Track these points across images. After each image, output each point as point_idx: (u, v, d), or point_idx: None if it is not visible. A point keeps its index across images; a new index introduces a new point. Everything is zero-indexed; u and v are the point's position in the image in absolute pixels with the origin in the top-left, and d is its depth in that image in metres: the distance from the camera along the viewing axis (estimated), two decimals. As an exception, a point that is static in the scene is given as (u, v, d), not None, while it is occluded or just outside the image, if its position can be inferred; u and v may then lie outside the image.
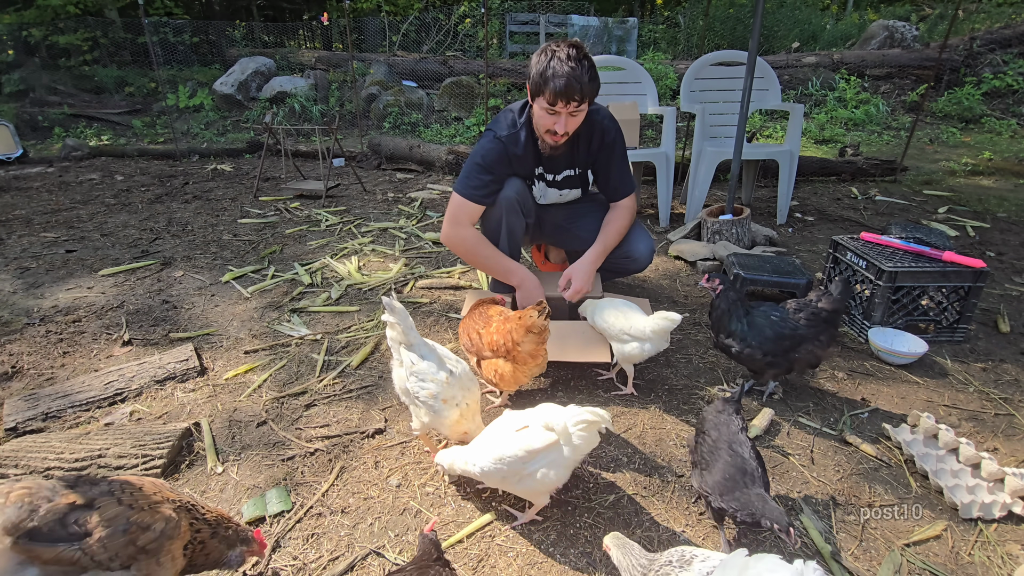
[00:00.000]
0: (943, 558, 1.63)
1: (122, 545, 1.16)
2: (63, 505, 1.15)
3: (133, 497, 1.23)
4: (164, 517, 1.23)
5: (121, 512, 1.19)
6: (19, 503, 1.12)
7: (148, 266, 3.79)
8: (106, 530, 1.16)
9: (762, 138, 7.90)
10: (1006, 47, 9.75)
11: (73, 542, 1.13)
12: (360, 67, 10.69)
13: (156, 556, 1.21)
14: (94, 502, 1.19)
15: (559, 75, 2.18)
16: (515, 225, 2.62)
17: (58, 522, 1.14)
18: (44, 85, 10.81)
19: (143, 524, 1.20)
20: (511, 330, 2.01)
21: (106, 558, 1.15)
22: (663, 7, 16.69)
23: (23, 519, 1.11)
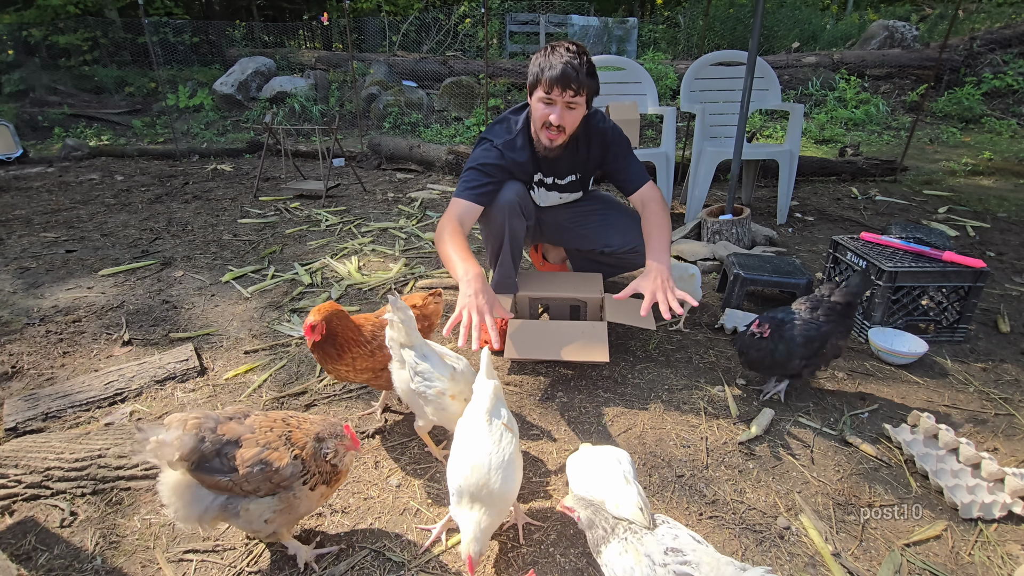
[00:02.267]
0: (943, 558, 1.63)
1: (261, 480, 1.37)
2: (222, 440, 1.37)
3: (266, 438, 1.42)
4: (291, 460, 1.41)
5: (257, 453, 1.38)
6: (194, 432, 1.34)
7: (148, 266, 3.79)
8: (247, 468, 1.36)
9: (762, 138, 7.90)
10: (1006, 47, 9.75)
11: (226, 474, 1.35)
12: (360, 67, 10.68)
13: (291, 490, 1.41)
14: (240, 439, 1.39)
15: (555, 65, 2.22)
16: (517, 228, 2.62)
17: (216, 453, 1.35)
18: (44, 85, 10.81)
19: (274, 466, 1.38)
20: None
21: (251, 489, 1.38)
22: (663, 7, 16.68)
23: (196, 448, 1.33)
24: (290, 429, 1.48)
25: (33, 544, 1.67)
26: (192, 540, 1.69)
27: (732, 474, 1.94)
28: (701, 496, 1.84)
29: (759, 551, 1.64)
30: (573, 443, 2.09)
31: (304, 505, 1.46)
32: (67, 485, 1.85)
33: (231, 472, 1.35)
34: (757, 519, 1.75)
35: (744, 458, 2.01)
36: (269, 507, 1.40)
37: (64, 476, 1.86)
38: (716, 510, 1.78)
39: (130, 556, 1.64)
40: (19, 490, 1.85)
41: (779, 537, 1.69)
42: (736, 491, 1.86)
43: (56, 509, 1.80)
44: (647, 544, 1.26)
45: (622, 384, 2.46)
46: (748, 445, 2.07)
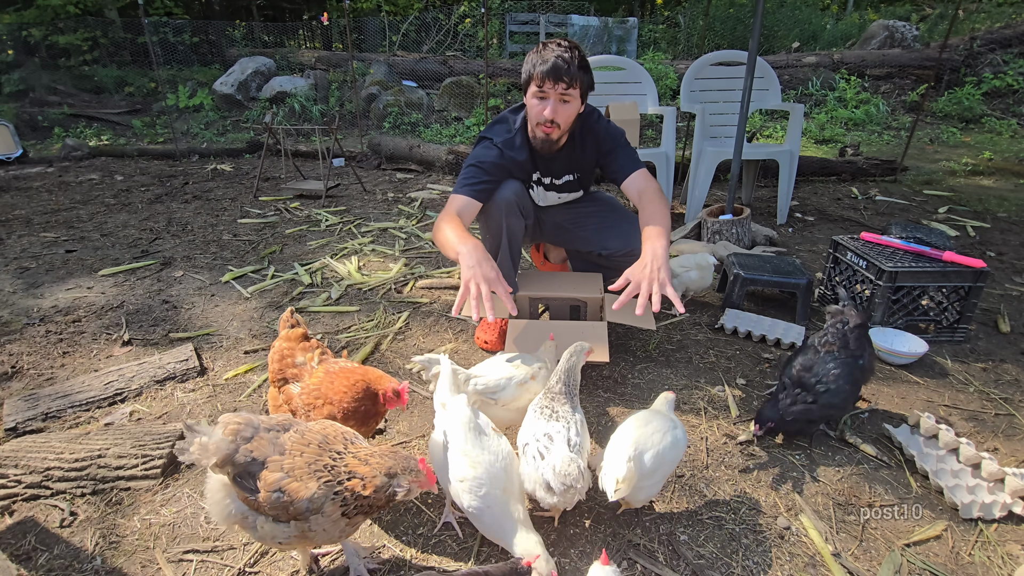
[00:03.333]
0: (943, 558, 1.63)
1: (278, 507, 1.32)
2: (249, 454, 1.32)
3: (292, 464, 1.33)
4: (308, 496, 1.31)
5: (278, 479, 1.31)
6: (231, 438, 1.32)
7: (148, 266, 3.79)
8: (267, 492, 1.31)
9: (762, 138, 7.90)
10: (1006, 47, 9.75)
11: (253, 492, 1.31)
12: (360, 67, 10.68)
13: (307, 521, 1.33)
14: (266, 460, 1.33)
15: (547, 59, 2.23)
16: (515, 227, 2.62)
17: (245, 467, 1.32)
18: (44, 85, 10.81)
19: (291, 496, 1.31)
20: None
21: (271, 513, 1.33)
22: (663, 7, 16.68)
23: (229, 455, 1.31)
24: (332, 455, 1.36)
25: (33, 544, 1.67)
26: (192, 540, 1.69)
27: (732, 474, 1.94)
28: (701, 496, 1.84)
29: (759, 551, 1.64)
30: (573, 443, 2.09)
31: (322, 536, 1.36)
32: (67, 485, 1.85)
33: (256, 492, 1.31)
34: (757, 519, 1.75)
35: (744, 458, 2.01)
36: (283, 532, 1.35)
37: (64, 476, 1.86)
38: (716, 510, 1.78)
39: (130, 556, 1.64)
40: (19, 490, 1.84)
41: (779, 537, 1.68)
42: (736, 491, 1.86)
43: (56, 509, 1.80)
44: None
45: (622, 384, 2.46)
46: (748, 445, 2.07)
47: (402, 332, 2.92)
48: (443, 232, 2.25)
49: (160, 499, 1.84)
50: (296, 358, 1.83)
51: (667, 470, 1.63)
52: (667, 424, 1.67)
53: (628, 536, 1.69)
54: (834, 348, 2.03)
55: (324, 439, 1.38)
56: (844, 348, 2.03)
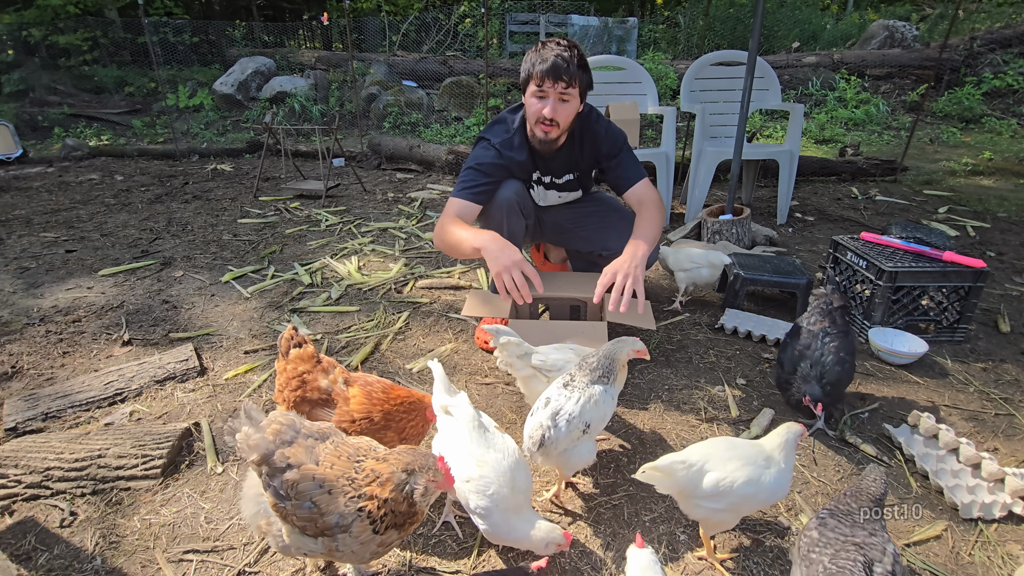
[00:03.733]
0: (943, 558, 1.63)
1: (307, 519, 1.26)
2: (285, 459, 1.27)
3: (324, 475, 1.28)
4: (339, 512, 1.25)
5: (309, 488, 1.26)
6: (272, 437, 1.29)
7: (148, 266, 3.79)
8: (296, 503, 1.25)
9: (762, 138, 7.90)
10: (1006, 47, 9.75)
11: (283, 500, 1.26)
12: (360, 67, 10.68)
13: (334, 539, 1.27)
14: (301, 467, 1.27)
15: (546, 58, 2.23)
16: (516, 227, 2.62)
17: (279, 470, 1.27)
18: (44, 85, 10.81)
19: (321, 509, 1.25)
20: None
21: (299, 525, 1.27)
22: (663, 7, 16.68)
23: (267, 455, 1.27)
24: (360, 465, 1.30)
25: (33, 544, 1.67)
26: (192, 540, 1.69)
27: (732, 474, 1.93)
28: (701, 496, 1.84)
29: (759, 551, 1.64)
30: (573, 443, 2.09)
31: (351, 556, 1.30)
32: (67, 485, 1.85)
33: (286, 500, 1.26)
34: (757, 519, 1.75)
35: (744, 458, 2.01)
36: (309, 546, 1.29)
37: (64, 476, 1.86)
38: (716, 510, 1.78)
39: (130, 556, 1.64)
40: (19, 490, 1.84)
41: (779, 537, 1.68)
42: (736, 491, 1.86)
43: (56, 509, 1.80)
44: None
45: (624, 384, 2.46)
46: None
47: (402, 332, 2.92)
48: (451, 233, 2.29)
49: (160, 499, 1.84)
50: (319, 382, 1.69)
51: (741, 506, 1.50)
52: (760, 461, 1.49)
53: (628, 536, 1.69)
54: (824, 324, 2.14)
55: (356, 451, 1.33)
56: (833, 324, 2.14)
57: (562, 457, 1.64)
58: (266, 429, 1.31)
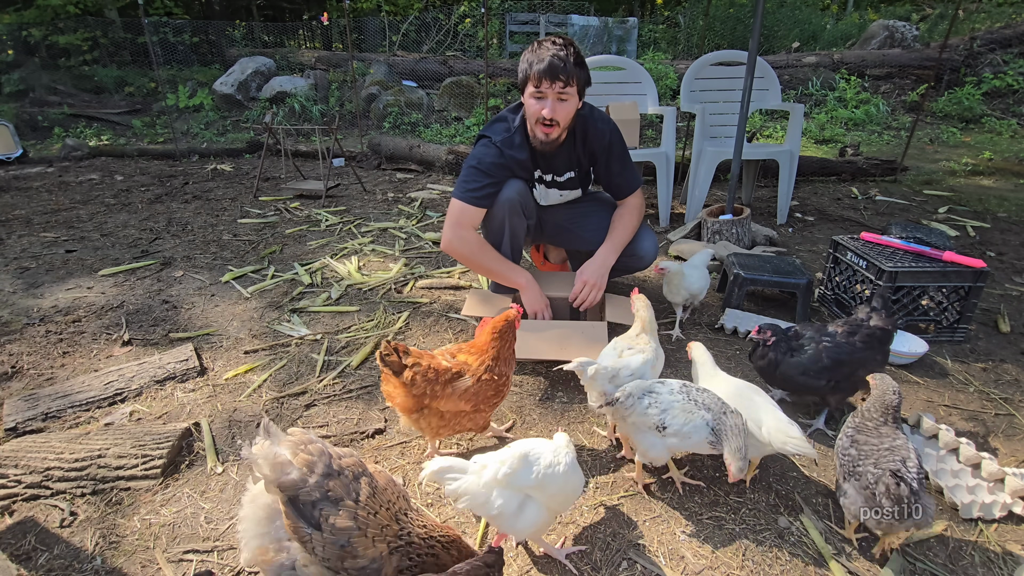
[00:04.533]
0: (943, 558, 1.63)
1: (335, 556, 1.21)
2: (321, 491, 1.21)
3: (366, 519, 1.24)
4: (374, 556, 1.23)
5: (347, 528, 1.21)
6: (303, 467, 1.20)
7: (148, 266, 3.79)
8: (330, 537, 1.20)
9: (762, 138, 7.90)
10: (1006, 47, 9.75)
11: (309, 527, 1.20)
12: (360, 67, 10.68)
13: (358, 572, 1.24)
14: (341, 501, 1.23)
15: (543, 58, 2.24)
16: (517, 227, 2.62)
17: (311, 503, 1.20)
18: (44, 85, 10.81)
19: (354, 552, 1.22)
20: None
21: (322, 556, 1.21)
22: (663, 7, 16.69)
23: (296, 486, 1.19)
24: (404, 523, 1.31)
25: (33, 544, 1.67)
26: (192, 540, 1.69)
27: (732, 474, 1.93)
28: (702, 496, 1.84)
29: (759, 551, 1.64)
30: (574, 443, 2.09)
31: None
32: (67, 485, 1.85)
33: (314, 528, 1.20)
34: (757, 519, 1.75)
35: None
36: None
37: (64, 476, 1.86)
38: (716, 510, 1.78)
39: (130, 556, 1.64)
40: (19, 490, 1.84)
41: (779, 537, 1.68)
42: (736, 491, 1.86)
43: (56, 509, 1.80)
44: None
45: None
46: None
47: (402, 332, 2.92)
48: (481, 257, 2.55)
49: (160, 499, 1.84)
50: (444, 364, 1.82)
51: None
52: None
53: (628, 536, 1.69)
54: (838, 331, 2.11)
55: (392, 501, 1.32)
56: (850, 336, 2.10)
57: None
58: (295, 456, 1.22)
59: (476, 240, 2.55)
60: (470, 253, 2.54)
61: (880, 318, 2.12)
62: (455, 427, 1.87)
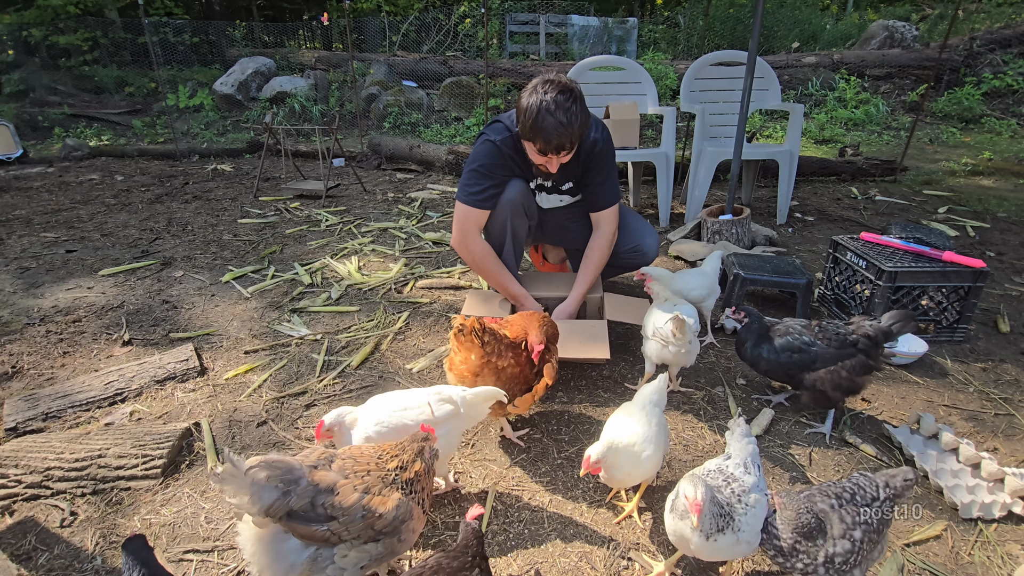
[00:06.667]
0: (943, 558, 1.63)
1: (361, 528, 1.27)
2: (310, 489, 1.25)
3: (364, 483, 1.31)
4: (395, 504, 1.31)
5: (357, 500, 1.27)
6: (276, 484, 1.21)
7: (148, 266, 3.79)
8: (346, 516, 1.26)
9: (762, 138, 7.90)
10: (1006, 47, 9.75)
11: (322, 523, 1.24)
12: (360, 67, 10.68)
13: (396, 535, 1.31)
14: (334, 487, 1.28)
15: (549, 130, 2.12)
16: (519, 227, 2.62)
17: (309, 504, 1.24)
18: (44, 85, 10.81)
19: (375, 512, 1.28)
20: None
21: (351, 538, 1.26)
22: (663, 7, 16.69)
23: (280, 502, 1.20)
24: (389, 462, 1.39)
25: (33, 544, 1.67)
26: (192, 540, 1.69)
27: (732, 474, 1.93)
28: (701, 496, 1.84)
29: (759, 551, 1.63)
30: (574, 443, 2.09)
31: (408, 543, 1.36)
32: (67, 485, 1.85)
33: (328, 520, 1.24)
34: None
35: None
36: (369, 553, 1.29)
37: (64, 476, 1.87)
38: (716, 510, 1.78)
39: (130, 556, 1.64)
40: (19, 490, 1.85)
41: (779, 537, 1.68)
42: (736, 491, 1.86)
43: (56, 509, 1.80)
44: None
45: (622, 384, 2.46)
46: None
47: (402, 332, 2.92)
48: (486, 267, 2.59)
49: (160, 499, 1.84)
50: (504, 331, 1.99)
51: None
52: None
53: (628, 537, 1.69)
54: (819, 336, 2.11)
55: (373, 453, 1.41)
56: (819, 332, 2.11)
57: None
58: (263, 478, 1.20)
59: (482, 250, 2.59)
60: (475, 262, 2.62)
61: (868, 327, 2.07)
62: (507, 391, 1.89)
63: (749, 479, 1.41)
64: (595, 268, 2.66)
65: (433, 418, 1.65)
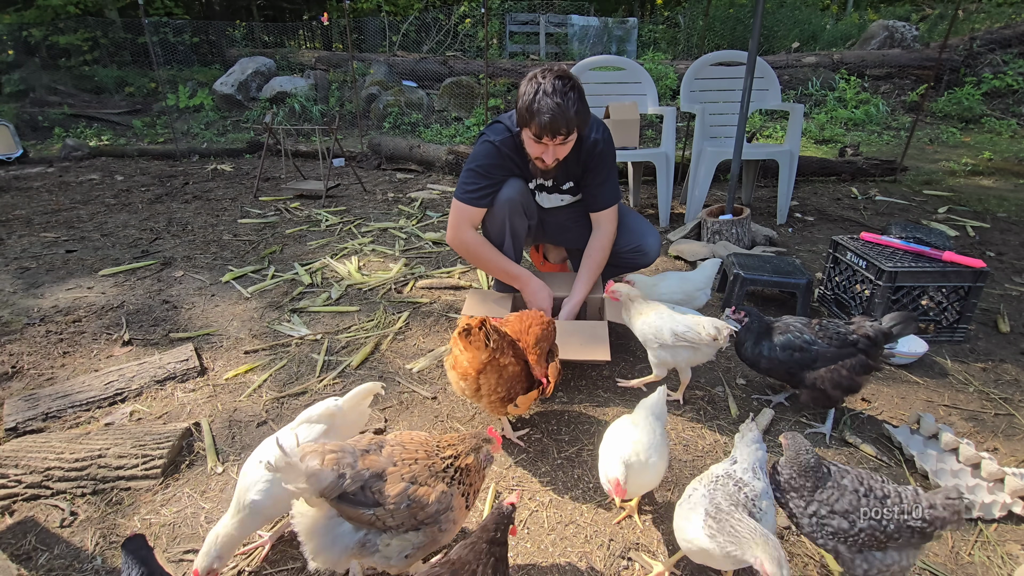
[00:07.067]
0: (943, 558, 1.63)
1: (405, 517, 1.31)
2: (364, 475, 1.30)
3: (412, 472, 1.35)
4: (438, 496, 1.34)
5: (403, 489, 1.31)
6: (332, 467, 1.27)
7: (148, 266, 3.80)
8: (392, 504, 1.30)
9: (762, 138, 7.90)
10: (1006, 47, 9.75)
11: (370, 507, 1.29)
12: (360, 67, 10.68)
13: (436, 524, 1.34)
14: (384, 472, 1.32)
15: (544, 110, 2.13)
16: (518, 227, 2.62)
17: (360, 488, 1.29)
18: (44, 85, 10.81)
19: (421, 502, 1.32)
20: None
21: (394, 525, 1.31)
22: (663, 7, 16.69)
23: (335, 484, 1.26)
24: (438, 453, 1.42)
25: (33, 544, 1.67)
26: (192, 540, 1.69)
27: (732, 474, 1.93)
28: (701, 496, 1.84)
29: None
30: (574, 443, 2.09)
31: (449, 533, 1.39)
32: (67, 485, 1.85)
33: (375, 506, 1.29)
34: (757, 519, 1.75)
35: (744, 458, 2.01)
36: (411, 542, 1.33)
37: (64, 476, 1.87)
38: (716, 510, 1.78)
39: (130, 556, 1.64)
40: (19, 490, 1.85)
41: (779, 537, 1.68)
42: (736, 491, 1.86)
43: (56, 509, 1.80)
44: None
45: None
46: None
47: (402, 332, 2.92)
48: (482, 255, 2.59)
49: (160, 499, 1.84)
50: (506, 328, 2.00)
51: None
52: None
53: (629, 538, 1.69)
54: (820, 335, 2.10)
55: (423, 445, 1.43)
56: (820, 331, 2.11)
57: None
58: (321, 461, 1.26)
59: (475, 240, 2.59)
60: (470, 253, 2.62)
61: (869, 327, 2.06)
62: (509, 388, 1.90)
63: (759, 484, 1.39)
64: (596, 268, 2.66)
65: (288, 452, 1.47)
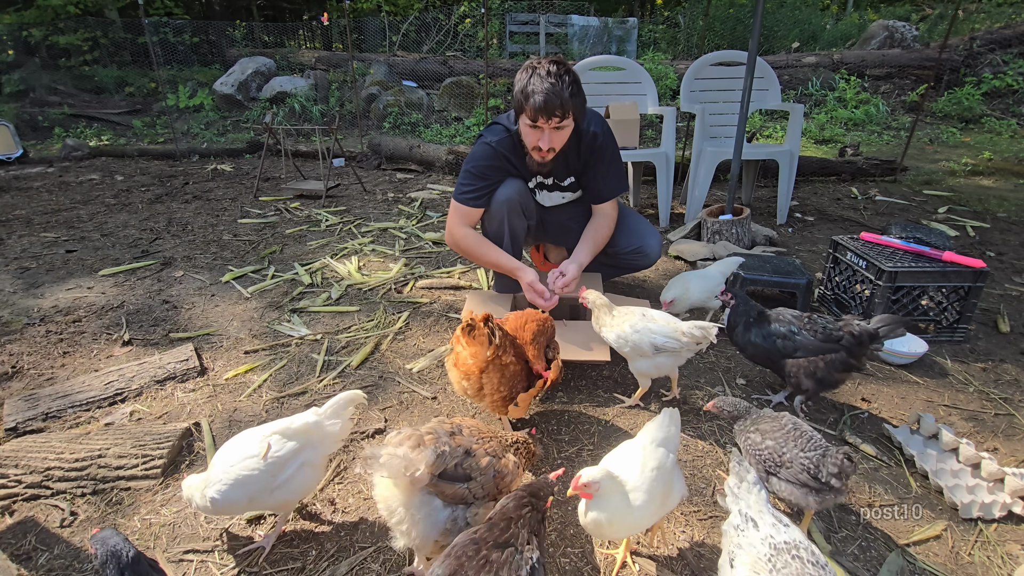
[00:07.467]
0: (943, 558, 1.63)
1: (491, 488, 1.44)
2: (459, 452, 1.43)
3: (491, 445, 1.51)
4: (513, 464, 1.51)
5: (490, 462, 1.46)
6: (434, 447, 1.38)
7: (148, 266, 3.79)
8: (482, 476, 1.43)
9: (762, 138, 7.90)
10: (1006, 47, 9.74)
11: (463, 482, 1.41)
12: (360, 67, 10.68)
13: (508, 491, 1.44)
14: (471, 450, 1.46)
15: (538, 91, 2.15)
16: (517, 227, 2.62)
17: (456, 466, 1.41)
18: (44, 85, 10.81)
19: (503, 472, 1.47)
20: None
21: (481, 496, 1.43)
22: (663, 7, 16.69)
23: (439, 461, 1.37)
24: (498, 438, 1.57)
25: (33, 544, 1.67)
26: (192, 540, 1.69)
27: (732, 474, 1.93)
28: (701, 496, 1.84)
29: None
30: (574, 443, 2.09)
31: None
32: (67, 485, 1.85)
33: (467, 480, 1.41)
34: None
35: (744, 458, 2.01)
36: (489, 511, 1.39)
37: (64, 476, 1.87)
38: (716, 510, 1.78)
39: (130, 556, 1.64)
40: (19, 490, 1.85)
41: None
42: (736, 491, 1.86)
43: (56, 509, 1.80)
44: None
45: (622, 384, 2.46)
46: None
47: (402, 332, 2.92)
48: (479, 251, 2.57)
49: (160, 499, 1.84)
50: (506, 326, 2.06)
51: None
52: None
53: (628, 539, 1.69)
54: (806, 327, 2.13)
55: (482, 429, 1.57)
56: (808, 324, 2.13)
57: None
58: (421, 442, 1.37)
59: (471, 236, 2.60)
60: (467, 249, 2.62)
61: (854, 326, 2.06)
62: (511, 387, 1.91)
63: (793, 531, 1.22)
64: (599, 243, 2.63)
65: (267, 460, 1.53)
